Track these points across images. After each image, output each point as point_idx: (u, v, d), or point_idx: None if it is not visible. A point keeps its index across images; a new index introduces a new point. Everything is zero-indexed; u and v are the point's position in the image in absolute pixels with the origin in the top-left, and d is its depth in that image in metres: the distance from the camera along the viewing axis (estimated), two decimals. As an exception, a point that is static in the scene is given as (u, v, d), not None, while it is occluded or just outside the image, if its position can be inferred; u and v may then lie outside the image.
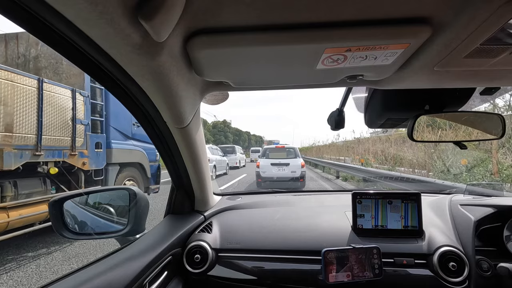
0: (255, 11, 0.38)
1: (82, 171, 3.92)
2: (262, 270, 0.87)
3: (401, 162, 9.15)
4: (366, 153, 12.18)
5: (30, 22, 0.35)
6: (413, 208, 0.92)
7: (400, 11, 0.39)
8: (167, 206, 1.05)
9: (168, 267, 0.80)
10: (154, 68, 0.46)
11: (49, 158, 3.40)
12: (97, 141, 4.13)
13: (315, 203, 1.27)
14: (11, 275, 2.76)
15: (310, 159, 20.88)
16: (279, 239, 0.93)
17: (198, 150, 0.88)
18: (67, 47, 0.41)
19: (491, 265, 0.83)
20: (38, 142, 3.20)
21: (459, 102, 0.80)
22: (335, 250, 0.80)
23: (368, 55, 0.48)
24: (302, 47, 0.45)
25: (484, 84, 0.69)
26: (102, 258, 0.68)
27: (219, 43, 0.44)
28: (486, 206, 0.94)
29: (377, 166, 10.03)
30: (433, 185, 4.53)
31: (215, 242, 0.93)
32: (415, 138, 0.80)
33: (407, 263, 0.83)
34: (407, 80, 0.60)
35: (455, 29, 0.41)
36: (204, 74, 0.56)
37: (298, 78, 0.61)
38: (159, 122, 0.72)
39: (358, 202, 0.95)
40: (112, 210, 0.93)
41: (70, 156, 3.66)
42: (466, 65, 0.52)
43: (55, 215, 0.79)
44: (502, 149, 5.62)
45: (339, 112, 0.93)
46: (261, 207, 1.19)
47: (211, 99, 0.88)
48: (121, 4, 0.32)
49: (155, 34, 0.36)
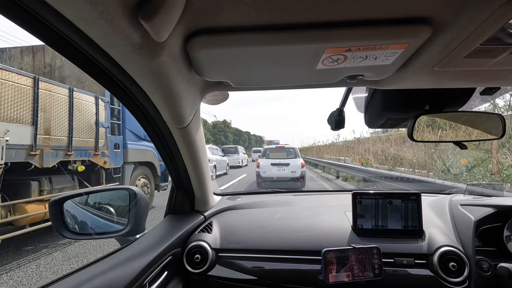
0: (255, 11, 0.38)
1: (103, 169, 4.45)
2: (262, 270, 0.87)
3: (401, 162, 9.14)
4: (366, 153, 12.17)
5: (30, 22, 0.35)
6: (413, 208, 0.92)
7: (400, 11, 0.39)
8: (167, 206, 1.05)
9: (168, 267, 0.79)
10: (154, 68, 0.46)
11: (77, 157, 3.97)
12: (116, 142, 4.68)
13: (315, 203, 1.27)
14: (11, 275, 2.76)
15: (310, 159, 20.86)
16: (279, 239, 0.93)
17: (198, 150, 0.88)
18: (67, 47, 0.41)
19: (491, 265, 0.83)
20: (69, 143, 3.79)
21: (459, 102, 0.80)
22: (335, 250, 0.79)
23: (368, 55, 0.48)
24: (302, 47, 0.45)
25: (484, 84, 0.69)
26: (102, 258, 0.68)
27: (219, 43, 0.44)
28: (486, 206, 0.94)
29: (377, 166, 10.02)
30: (433, 185, 4.53)
31: (215, 242, 0.93)
32: (415, 138, 0.80)
33: (407, 263, 0.83)
34: (407, 80, 0.60)
35: (455, 29, 0.41)
36: (204, 74, 0.56)
37: (298, 78, 0.61)
38: (159, 122, 0.72)
39: (358, 202, 0.95)
40: (112, 210, 0.93)
41: (94, 155, 4.23)
42: (466, 65, 0.52)
43: (55, 215, 0.79)
44: (502, 149, 5.62)
45: (339, 112, 0.93)
46: (261, 207, 1.19)
47: (211, 99, 0.88)
48: (121, 4, 0.32)
49: (155, 34, 0.36)
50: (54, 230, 0.79)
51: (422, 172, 7.65)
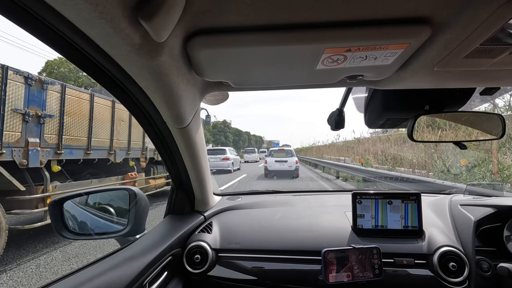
0: (255, 11, 0.38)
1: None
2: (262, 270, 0.87)
3: (401, 162, 9.12)
4: (366, 153, 12.12)
5: (30, 22, 0.35)
6: (413, 208, 0.92)
7: (400, 11, 0.39)
8: (167, 206, 1.05)
9: (168, 267, 0.79)
10: (154, 68, 0.46)
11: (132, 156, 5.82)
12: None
13: (315, 203, 1.27)
14: (11, 275, 2.76)
15: (310, 159, 20.79)
16: (279, 239, 0.93)
17: (198, 150, 0.88)
18: (67, 47, 0.41)
19: (491, 265, 0.83)
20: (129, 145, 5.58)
21: (459, 102, 0.80)
22: (335, 250, 0.79)
23: (368, 55, 0.48)
24: (302, 47, 0.45)
25: (484, 84, 0.69)
26: (102, 258, 0.68)
27: (219, 43, 0.44)
28: (486, 206, 0.94)
29: (377, 166, 9.99)
30: (433, 185, 4.53)
31: (215, 242, 0.93)
32: (415, 138, 0.80)
33: (407, 263, 0.83)
34: (407, 80, 0.60)
35: (455, 29, 0.41)
36: (204, 74, 0.56)
37: (298, 78, 0.61)
38: (159, 122, 0.72)
39: (358, 202, 0.95)
40: (112, 210, 0.93)
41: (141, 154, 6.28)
42: (466, 65, 0.52)
43: (55, 216, 0.79)
44: (503, 149, 5.61)
45: (339, 112, 0.93)
46: (261, 207, 1.19)
47: (211, 99, 0.88)
48: (121, 4, 0.32)
49: (155, 34, 0.36)
50: (54, 231, 0.79)
51: (422, 172, 7.64)
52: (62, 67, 20.91)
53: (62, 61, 21.07)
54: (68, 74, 20.94)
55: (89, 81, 21.19)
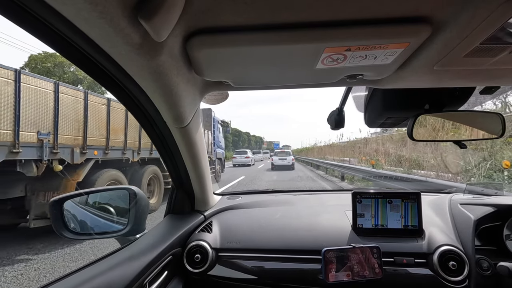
0: (254, 11, 0.38)
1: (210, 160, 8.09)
2: (262, 269, 0.87)
3: (419, 165, 7.64)
4: (376, 153, 10.73)
5: (30, 22, 0.35)
6: (413, 208, 0.92)
7: (399, 10, 0.39)
8: (167, 205, 1.05)
9: (168, 267, 0.80)
10: (154, 67, 0.46)
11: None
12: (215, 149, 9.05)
13: (315, 203, 1.27)
14: (11, 275, 2.76)
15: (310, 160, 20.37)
16: (279, 238, 0.93)
17: (198, 150, 0.88)
18: (67, 47, 0.41)
19: (491, 264, 0.83)
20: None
21: (459, 101, 0.80)
22: (335, 250, 0.80)
23: (368, 55, 0.48)
24: (301, 46, 0.45)
25: (484, 83, 0.69)
26: (102, 258, 0.68)
27: (219, 43, 0.44)
28: (486, 205, 0.94)
29: (388, 168, 8.58)
30: (433, 185, 4.52)
31: (215, 241, 0.93)
32: (415, 137, 0.80)
33: (407, 263, 0.83)
34: (407, 80, 0.60)
35: (455, 28, 0.41)
36: (204, 74, 0.56)
37: (298, 77, 0.61)
38: (159, 122, 0.72)
39: (358, 201, 0.95)
40: (112, 210, 0.93)
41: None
42: (466, 64, 0.52)
43: (55, 215, 0.79)
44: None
45: (339, 111, 0.93)
46: (261, 206, 1.19)
47: (211, 99, 0.88)
48: (121, 4, 0.32)
49: (155, 34, 0.36)
50: (54, 230, 0.79)
51: (447, 176, 6.08)
52: (47, 62, 19.81)
53: (47, 56, 19.88)
54: (53, 70, 19.91)
55: (75, 77, 20.49)
